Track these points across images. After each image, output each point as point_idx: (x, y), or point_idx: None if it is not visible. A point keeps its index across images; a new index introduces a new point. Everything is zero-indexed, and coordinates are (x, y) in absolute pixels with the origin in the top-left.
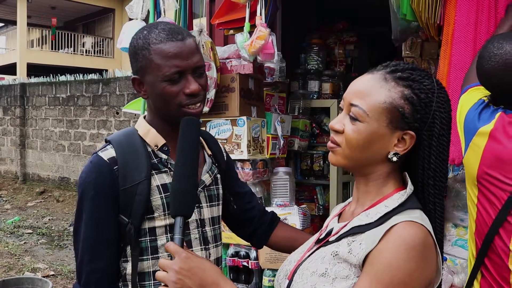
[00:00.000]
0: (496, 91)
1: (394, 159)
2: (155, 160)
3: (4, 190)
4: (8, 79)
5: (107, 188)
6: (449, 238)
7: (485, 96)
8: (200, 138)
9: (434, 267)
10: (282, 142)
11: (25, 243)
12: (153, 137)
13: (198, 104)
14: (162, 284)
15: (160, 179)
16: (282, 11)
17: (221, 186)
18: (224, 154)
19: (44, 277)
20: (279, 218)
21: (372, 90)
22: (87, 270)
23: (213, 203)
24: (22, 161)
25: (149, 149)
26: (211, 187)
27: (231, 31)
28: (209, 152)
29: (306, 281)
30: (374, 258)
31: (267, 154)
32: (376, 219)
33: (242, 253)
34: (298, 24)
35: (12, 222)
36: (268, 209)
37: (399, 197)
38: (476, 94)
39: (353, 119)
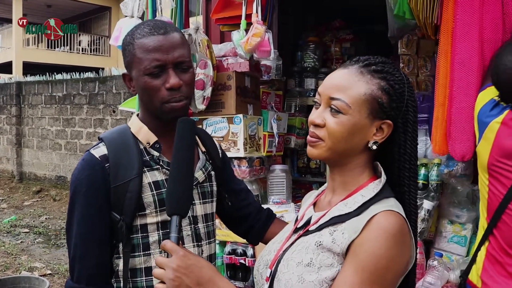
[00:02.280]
0: (507, 96)
1: (374, 147)
2: (147, 157)
3: (0, 189)
4: (3, 78)
5: (99, 185)
6: (445, 235)
7: (497, 96)
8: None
9: (410, 250)
10: (277, 139)
11: (21, 242)
12: (145, 135)
13: (181, 100)
14: (159, 281)
15: (152, 176)
16: (279, 9)
17: (215, 183)
18: (220, 151)
19: (41, 276)
20: (275, 215)
21: (351, 83)
22: (79, 266)
23: (207, 200)
24: (19, 160)
25: (141, 147)
26: (205, 184)
27: (226, 27)
28: (203, 149)
29: (292, 271)
30: (358, 248)
31: (264, 151)
32: (355, 209)
33: (239, 251)
34: (294, 22)
35: (8, 221)
36: (265, 206)
37: (374, 186)
38: (490, 93)
39: (336, 111)
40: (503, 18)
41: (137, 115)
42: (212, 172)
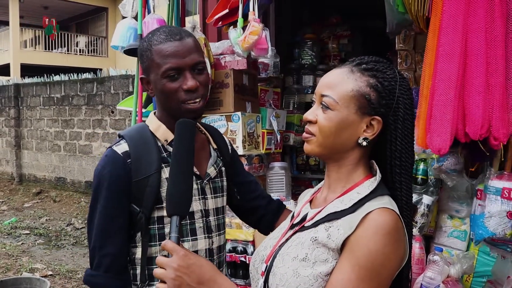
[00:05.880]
0: None
1: (364, 143)
2: (165, 154)
3: (0, 192)
4: (1, 80)
5: (121, 179)
6: (445, 230)
7: None
8: (206, 133)
9: (404, 246)
10: (278, 137)
11: (22, 243)
12: (163, 132)
13: (198, 100)
14: (160, 280)
15: (169, 171)
16: (275, 6)
17: (225, 178)
18: (229, 146)
19: (42, 277)
20: (285, 206)
21: (340, 81)
22: (99, 255)
23: (218, 195)
24: (18, 162)
25: (159, 144)
26: (216, 180)
27: (224, 27)
28: (215, 146)
29: (288, 266)
30: (354, 245)
31: (263, 149)
32: (351, 205)
33: (240, 248)
34: (291, 19)
35: (9, 223)
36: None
37: (370, 184)
38: None
39: (325, 107)
40: (491, 10)
41: (154, 113)
42: (223, 168)
